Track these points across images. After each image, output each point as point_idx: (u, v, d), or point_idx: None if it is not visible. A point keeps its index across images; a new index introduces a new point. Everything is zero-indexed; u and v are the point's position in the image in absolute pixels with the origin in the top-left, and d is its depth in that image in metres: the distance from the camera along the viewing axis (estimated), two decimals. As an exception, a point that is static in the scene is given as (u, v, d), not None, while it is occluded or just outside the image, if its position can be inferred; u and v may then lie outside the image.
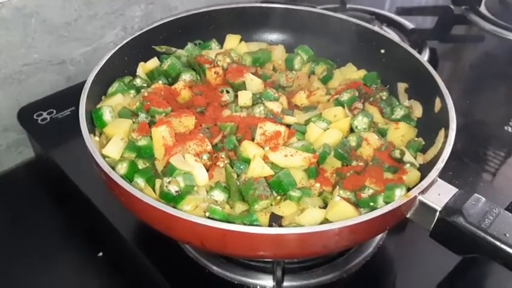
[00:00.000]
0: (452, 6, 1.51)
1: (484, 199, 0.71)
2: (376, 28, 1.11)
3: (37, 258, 0.95)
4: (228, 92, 0.96)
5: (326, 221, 0.77)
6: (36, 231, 1.01)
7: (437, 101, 0.89)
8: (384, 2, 1.68)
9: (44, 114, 1.12)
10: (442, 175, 0.75)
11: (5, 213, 1.05)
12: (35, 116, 1.12)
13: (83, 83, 0.87)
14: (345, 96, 0.95)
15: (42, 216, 1.04)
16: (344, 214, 0.75)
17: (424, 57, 1.34)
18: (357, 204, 0.79)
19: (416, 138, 0.90)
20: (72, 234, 1.01)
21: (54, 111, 1.13)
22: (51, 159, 1.04)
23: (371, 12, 1.50)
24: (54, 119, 1.11)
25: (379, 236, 0.89)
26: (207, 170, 0.81)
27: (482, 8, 1.60)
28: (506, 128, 1.16)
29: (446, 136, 0.80)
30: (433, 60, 1.37)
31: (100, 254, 0.96)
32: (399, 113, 0.95)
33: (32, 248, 0.97)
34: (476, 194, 0.71)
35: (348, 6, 1.51)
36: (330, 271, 0.85)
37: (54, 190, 1.10)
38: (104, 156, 0.78)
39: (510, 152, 1.12)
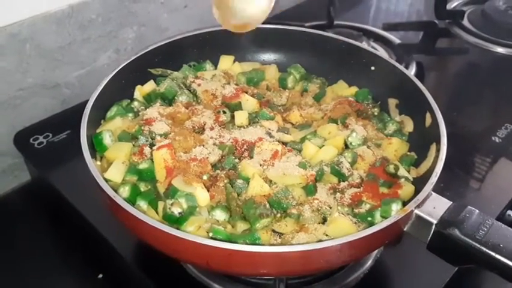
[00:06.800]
0: (436, 21, 1.55)
1: (477, 211, 0.72)
2: (364, 45, 1.14)
3: (35, 282, 0.95)
4: (224, 112, 0.97)
5: (325, 236, 0.78)
6: (33, 255, 1.00)
7: (428, 116, 0.91)
8: (369, 17, 1.72)
9: (41, 138, 1.12)
10: (434, 187, 0.77)
11: (1, 237, 1.04)
12: (31, 140, 1.12)
13: (78, 106, 0.88)
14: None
15: (39, 238, 1.04)
16: (343, 230, 0.76)
17: (411, 71, 1.36)
18: (355, 219, 0.81)
19: (408, 153, 0.93)
20: (71, 257, 1.01)
21: (51, 134, 1.13)
22: (49, 182, 1.05)
23: (358, 29, 1.52)
24: (51, 143, 1.12)
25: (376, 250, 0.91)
26: (207, 190, 0.81)
27: (465, 22, 1.64)
28: (493, 138, 1.19)
29: (437, 150, 0.82)
30: (420, 74, 1.39)
31: (100, 275, 0.96)
32: (391, 128, 0.98)
33: (30, 271, 0.97)
34: (469, 207, 0.73)
35: (335, 23, 1.53)
36: (330, 285, 0.86)
37: (52, 212, 1.10)
38: (106, 180, 0.78)
39: (498, 162, 1.15)
